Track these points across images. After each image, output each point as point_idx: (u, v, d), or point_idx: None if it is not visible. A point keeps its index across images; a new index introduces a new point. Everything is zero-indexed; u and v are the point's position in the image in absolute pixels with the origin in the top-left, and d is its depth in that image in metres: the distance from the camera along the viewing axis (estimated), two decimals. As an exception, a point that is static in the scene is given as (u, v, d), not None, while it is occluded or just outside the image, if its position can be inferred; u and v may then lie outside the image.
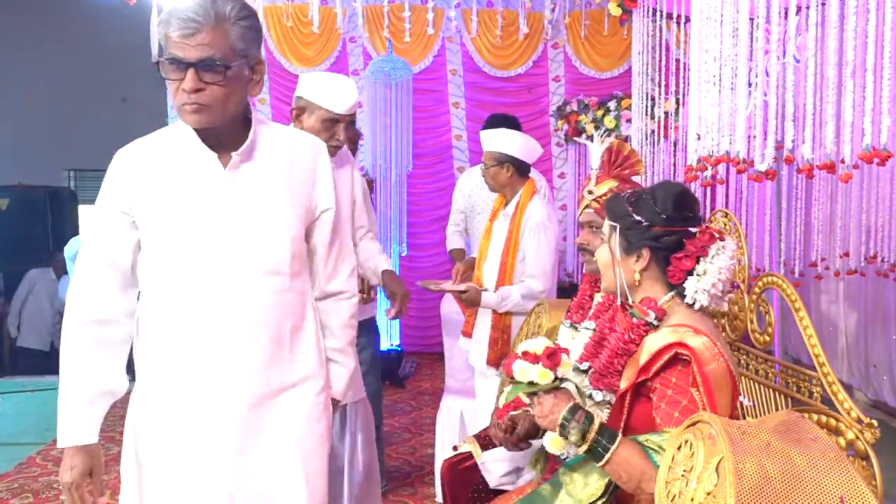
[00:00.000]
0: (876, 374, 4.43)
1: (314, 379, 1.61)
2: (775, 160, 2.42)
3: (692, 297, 1.55)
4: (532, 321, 2.38)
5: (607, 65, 5.92)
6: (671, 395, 1.45)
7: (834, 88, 1.99)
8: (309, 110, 2.32)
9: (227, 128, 1.49)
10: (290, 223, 1.55)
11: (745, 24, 2.27)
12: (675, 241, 1.56)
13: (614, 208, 1.65)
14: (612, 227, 1.63)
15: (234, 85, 1.44)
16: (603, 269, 1.67)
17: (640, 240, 1.58)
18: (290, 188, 1.56)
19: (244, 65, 1.45)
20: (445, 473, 2.21)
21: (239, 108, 1.50)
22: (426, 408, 4.63)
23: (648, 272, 1.60)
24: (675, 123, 4.25)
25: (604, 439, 1.40)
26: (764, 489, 1.17)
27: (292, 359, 1.57)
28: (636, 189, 1.74)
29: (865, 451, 1.35)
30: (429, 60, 5.95)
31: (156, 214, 1.50)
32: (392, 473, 3.50)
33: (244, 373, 1.50)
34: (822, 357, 1.50)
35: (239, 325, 1.50)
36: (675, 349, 1.43)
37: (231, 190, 1.51)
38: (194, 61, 1.38)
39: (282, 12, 5.83)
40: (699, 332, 1.45)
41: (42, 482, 3.39)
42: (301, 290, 1.60)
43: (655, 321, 1.55)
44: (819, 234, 3.36)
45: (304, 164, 1.60)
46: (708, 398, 1.40)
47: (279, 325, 1.54)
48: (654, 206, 1.58)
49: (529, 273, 2.78)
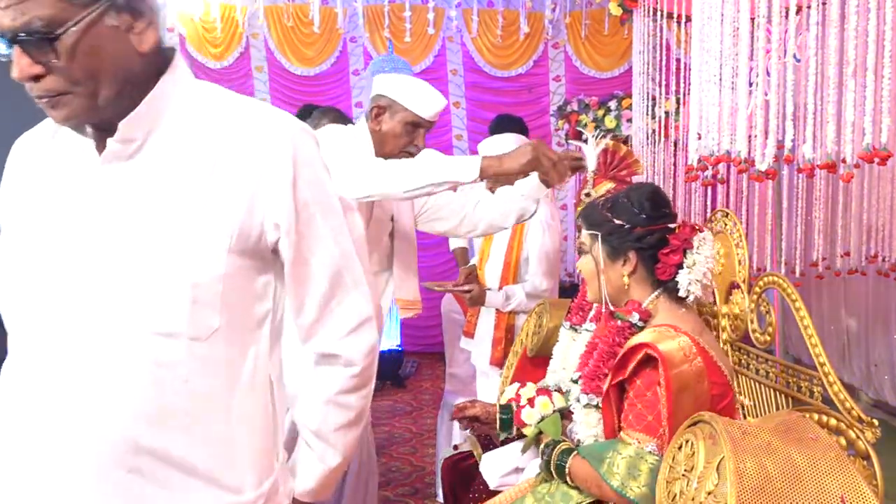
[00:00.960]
0: (877, 373, 4.43)
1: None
2: (776, 160, 2.42)
3: (686, 289, 1.56)
4: (534, 321, 2.38)
5: (608, 64, 5.92)
6: (632, 397, 1.47)
7: (834, 88, 1.98)
8: (392, 110, 2.17)
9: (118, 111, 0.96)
10: (198, 249, 0.95)
11: (745, 23, 2.27)
12: (658, 239, 1.59)
13: (591, 217, 1.65)
14: (593, 235, 1.64)
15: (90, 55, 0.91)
16: (588, 278, 1.68)
17: (624, 243, 1.60)
18: (211, 194, 0.97)
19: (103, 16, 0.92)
20: (446, 472, 2.21)
21: (125, 83, 0.96)
22: (427, 408, 4.63)
23: (636, 274, 1.61)
24: (675, 123, 4.25)
25: (564, 457, 1.55)
26: (765, 489, 1.17)
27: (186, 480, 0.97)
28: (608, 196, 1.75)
29: (866, 451, 1.35)
30: (429, 60, 5.95)
31: (9, 222, 1.05)
32: (393, 473, 3.50)
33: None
34: (822, 357, 1.50)
35: (81, 430, 0.93)
36: (645, 349, 1.44)
37: (104, 193, 0.97)
38: None
39: (282, 12, 5.83)
40: (679, 331, 1.47)
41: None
42: (228, 360, 0.99)
43: (640, 322, 1.57)
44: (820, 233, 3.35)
45: (250, 158, 0.98)
46: (667, 399, 1.40)
47: (158, 431, 0.95)
48: (633, 208, 1.59)
49: (533, 272, 2.79)
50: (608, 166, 1.98)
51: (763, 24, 2.22)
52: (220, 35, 5.84)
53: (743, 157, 2.25)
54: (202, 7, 5.76)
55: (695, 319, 1.59)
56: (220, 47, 5.86)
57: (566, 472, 1.54)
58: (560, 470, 1.55)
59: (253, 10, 5.82)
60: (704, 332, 1.57)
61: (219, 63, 5.87)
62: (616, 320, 1.61)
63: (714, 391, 1.47)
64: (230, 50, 5.87)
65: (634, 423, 1.46)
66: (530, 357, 2.32)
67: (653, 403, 1.44)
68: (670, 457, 1.32)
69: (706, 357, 1.46)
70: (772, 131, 2.18)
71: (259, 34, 5.87)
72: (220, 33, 5.84)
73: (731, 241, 1.82)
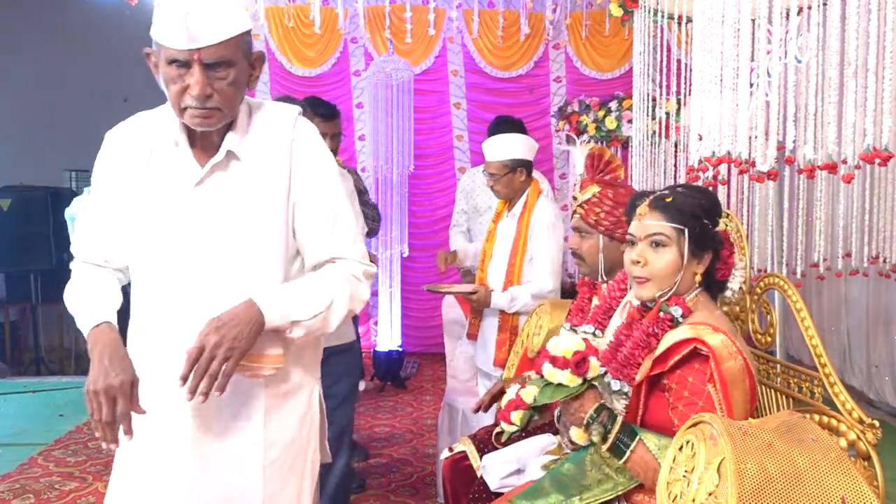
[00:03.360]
0: (878, 374, 4.43)
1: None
2: (776, 160, 2.42)
3: (732, 290, 1.66)
4: (533, 321, 2.38)
5: (608, 65, 5.92)
6: (687, 395, 1.47)
7: (835, 89, 1.98)
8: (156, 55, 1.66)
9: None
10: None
11: (746, 24, 2.27)
12: (721, 241, 1.64)
13: (683, 210, 1.59)
14: (679, 230, 1.58)
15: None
16: (661, 273, 1.59)
17: (708, 242, 1.61)
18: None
19: None
20: (446, 472, 2.21)
21: None
22: (427, 408, 4.63)
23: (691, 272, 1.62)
24: (676, 124, 4.25)
25: (625, 438, 1.48)
26: (765, 490, 1.17)
27: None
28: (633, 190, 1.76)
29: (867, 452, 1.35)
30: (430, 61, 5.95)
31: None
32: (393, 474, 3.50)
33: None
34: (823, 357, 1.50)
35: None
36: (695, 344, 1.46)
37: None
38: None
39: (283, 13, 5.84)
40: (718, 329, 1.48)
41: (44, 483, 3.39)
42: None
43: (681, 318, 1.57)
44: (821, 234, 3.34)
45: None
46: (724, 395, 1.42)
47: None
48: (712, 210, 1.63)
49: (539, 272, 2.78)
50: (595, 170, 2.00)
51: (764, 25, 2.22)
52: (220, 35, 5.84)
53: (744, 157, 2.25)
54: (203, 7, 5.76)
55: (729, 322, 1.61)
56: (220, 47, 5.86)
57: (626, 453, 1.47)
58: (619, 449, 1.48)
59: (253, 11, 5.81)
60: (738, 334, 1.58)
61: (220, 63, 5.87)
62: (660, 311, 1.60)
63: (751, 392, 1.48)
64: (231, 50, 5.87)
65: None
66: (531, 358, 2.33)
67: (711, 400, 1.44)
68: (671, 458, 1.32)
69: (743, 357, 1.47)
70: (773, 132, 2.18)
71: (259, 35, 5.87)
72: (220, 34, 5.84)
73: (733, 241, 1.82)
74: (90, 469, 3.57)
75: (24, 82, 8.41)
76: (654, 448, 1.46)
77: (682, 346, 1.47)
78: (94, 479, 3.44)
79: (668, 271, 1.58)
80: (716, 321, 1.53)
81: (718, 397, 1.43)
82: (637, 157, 4.18)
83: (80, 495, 3.25)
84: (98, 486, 3.35)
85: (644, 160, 4.19)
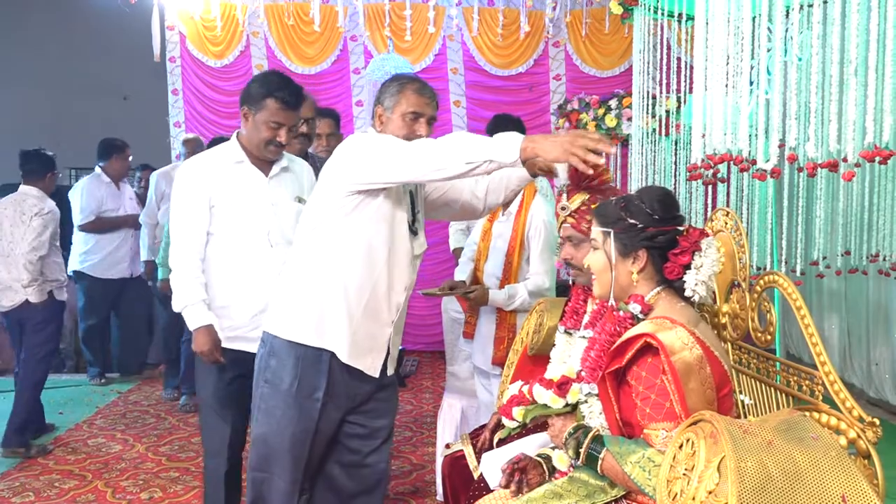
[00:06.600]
0: (878, 372, 4.43)
1: None
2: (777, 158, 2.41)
3: (692, 289, 1.62)
4: (534, 319, 2.38)
5: (608, 63, 5.92)
6: (643, 390, 1.50)
7: (836, 86, 1.98)
8: None
9: None
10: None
11: (748, 22, 2.27)
12: (668, 240, 1.64)
13: (606, 214, 1.70)
14: (605, 232, 1.68)
15: None
16: (598, 274, 1.71)
17: (636, 241, 1.64)
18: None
19: None
20: (446, 470, 2.21)
21: None
22: (427, 406, 4.64)
23: (644, 272, 1.65)
24: (676, 122, 4.24)
25: (597, 447, 1.55)
26: (766, 488, 1.17)
27: None
28: (620, 195, 1.78)
29: (867, 450, 1.35)
30: (430, 59, 5.95)
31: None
32: (393, 472, 3.50)
33: None
34: (823, 356, 1.50)
35: None
36: (645, 338, 1.48)
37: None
38: None
39: (283, 11, 5.83)
40: (676, 322, 1.51)
41: (43, 480, 3.40)
42: None
43: (640, 314, 1.62)
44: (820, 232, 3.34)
45: None
46: (676, 385, 1.44)
47: None
48: (645, 209, 1.64)
49: (536, 270, 2.78)
50: (581, 177, 1.99)
51: (764, 24, 2.22)
52: (220, 33, 5.84)
53: (745, 155, 2.25)
54: (202, 5, 5.76)
55: (691, 312, 1.63)
56: (220, 46, 5.86)
57: (598, 462, 1.53)
58: (592, 458, 1.55)
59: (253, 9, 5.82)
60: (700, 323, 1.61)
61: (219, 61, 5.87)
62: (618, 311, 1.65)
63: (715, 379, 1.49)
64: (230, 48, 5.87)
65: (654, 415, 1.47)
66: (531, 356, 2.32)
67: (665, 391, 1.46)
68: (671, 456, 1.32)
69: (703, 345, 1.48)
70: (773, 130, 2.18)
71: (259, 32, 5.87)
72: (220, 32, 5.84)
73: (732, 240, 1.82)
74: (90, 467, 3.57)
75: (25, 81, 8.41)
76: (616, 455, 1.49)
77: (634, 342, 1.50)
78: (94, 476, 3.44)
79: (600, 271, 1.70)
80: (676, 314, 1.56)
81: (671, 388, 1.45)
82: (637, 154, 4.18)
83: (80, 493, 3.25)
84: (98, 483, 3.35)
85: (644, 158, 4.19)
